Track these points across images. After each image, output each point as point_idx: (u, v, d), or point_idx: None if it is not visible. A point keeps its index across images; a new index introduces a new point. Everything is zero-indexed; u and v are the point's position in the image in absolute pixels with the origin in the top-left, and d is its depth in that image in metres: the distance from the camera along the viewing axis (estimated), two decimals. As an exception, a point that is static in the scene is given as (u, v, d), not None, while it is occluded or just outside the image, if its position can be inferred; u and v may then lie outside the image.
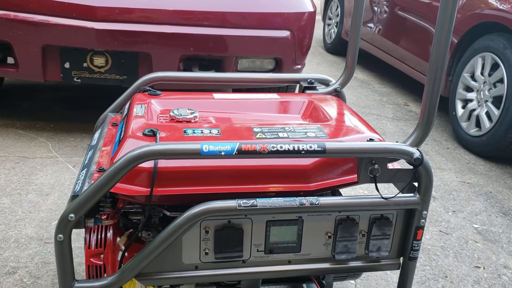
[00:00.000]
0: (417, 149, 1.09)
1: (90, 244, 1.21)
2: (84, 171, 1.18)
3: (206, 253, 1.11)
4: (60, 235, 1.00)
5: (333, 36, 5.78)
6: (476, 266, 1.99)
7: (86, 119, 3.09)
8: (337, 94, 1.57)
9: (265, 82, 1.66)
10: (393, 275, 1.87)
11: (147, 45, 2.55)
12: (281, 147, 1.01)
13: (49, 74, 2.63)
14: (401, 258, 1.22)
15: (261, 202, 1.06)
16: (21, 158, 2.57)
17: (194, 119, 1.29)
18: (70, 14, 2.46)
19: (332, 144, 1.03)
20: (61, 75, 2.62)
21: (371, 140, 1.17)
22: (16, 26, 2.47)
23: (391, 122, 3.63)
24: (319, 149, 1.02)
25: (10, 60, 2.71)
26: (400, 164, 1.21)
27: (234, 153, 1.00)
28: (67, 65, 2.59)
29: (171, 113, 1.29)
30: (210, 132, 1.19)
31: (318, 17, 5.23)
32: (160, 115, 1.35)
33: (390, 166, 1.14)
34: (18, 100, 3.39)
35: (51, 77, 2.64)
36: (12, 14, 2.46)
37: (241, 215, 1.10)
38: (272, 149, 1.01)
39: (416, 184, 1.14)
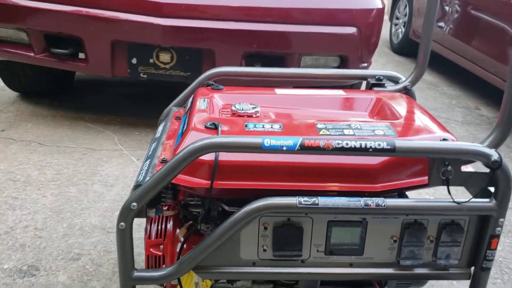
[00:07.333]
0: (496, 151, 1.00)
1: (150, 234, 1.21)
2: (147, 162, 1.19)
3: (264, 250, 1.08)
4: (122, 223, 1.01)
5: (400, 36, 5.61)
6: (553, 283, 1.84)
7: (151, 114, 3.16)
8: (407, 92, 1.50)
9: (330, 78, 1.61)
10: (460, 286, 1.76)
11: (210, 42, 2.57)
12: (346, 144, 0.96)
13: (117, 69, 2.71)
14: (472, 268, 1.14)
15: (323, 200, 1.02)
16: (88, 150, 2.67)
17: (255, 114, 1.27)
18: (138, 10, 2.52)
19: (402, 143, 0.97)
20: (128, 70, 2.69)
21: (444, 140, 1.10)
22: (87, 21, 2.56)
23: (460, 127, 3.46)
24: (388, 147, 0.96)
25: (81, 55, 2.82)
26: (473, 167, 1.13)
27: (296, 149, 0.97)
28: (134, 60, 2.66)
29: (233, 108, 1.28)
30: (272, 127, 1.17)
31: (386, 17, 5.10)
32: (222, 109, 1.34)
33: (463, 168, 1.07)
34: (87, 95, 3.53)
35: (118, 72, 2.72)
36: (84, 10, 2.55)
37: (302, 213, 1.06)
38: (337, 146, 0.96)
39: (491, 189, 1.06)
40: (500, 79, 3.62)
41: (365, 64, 2.78)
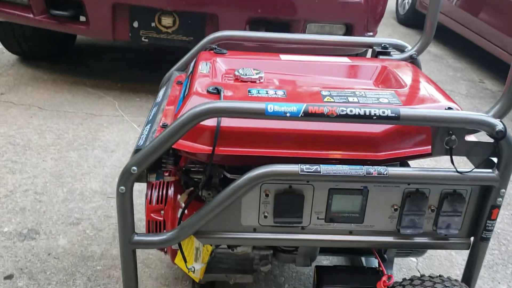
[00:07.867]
0: (500, 121, 0.99)
1: (151, 200, 1.21)
2: (148, 127, 1.18)
3: (265, 217, 1.08)
4: (122, 187, 1.01)
5: (407, 7, 5.51)
6: (550, 255, 1.85)
7: (152, 80, 3.13)
8: (413, 61, 1.47)
9: (336, 45, 1.57)
10: (458, 257, 1.78)
11: (214, 6, 2.52)
12: (351, 111, 0.95)
13: (118, 33, 2.66)
14: (472, 238, 1.14)
15: (325, 168, 1.01)
16: (89, 115, 2.65)
17: (259, 80, 1.25)
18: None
19: (407, 111, 0.96)
20: (130, 34, 2.65)
21: (449, 109, 1.09)
22: (89, -17, 2.51)
23: (464, 99, 3.43)
24: (393, 115, 0.95)
25: (82, 18, 2.77)
26: (476, 137, 1.12)
27: (300, 115, 0.95)
28: (135, 24, 2.61)
29: (236, 73, 1.26)
30: (276, 94, 1.15)
31: (392, -15, 4.99)
32: (225, 74, 1.32)
33: (467, 138, 1.05)
34: (88, 60, 3.49)
35: (119, 36, 2.68)
36: (85, -28, 2.49)
37: (303, 181, 1.06)
38: (341, 113, 0.95)
39: (495, 159, 1.05)
40: (506, 52, 3.57)
41: (371, 34, 2.74)
